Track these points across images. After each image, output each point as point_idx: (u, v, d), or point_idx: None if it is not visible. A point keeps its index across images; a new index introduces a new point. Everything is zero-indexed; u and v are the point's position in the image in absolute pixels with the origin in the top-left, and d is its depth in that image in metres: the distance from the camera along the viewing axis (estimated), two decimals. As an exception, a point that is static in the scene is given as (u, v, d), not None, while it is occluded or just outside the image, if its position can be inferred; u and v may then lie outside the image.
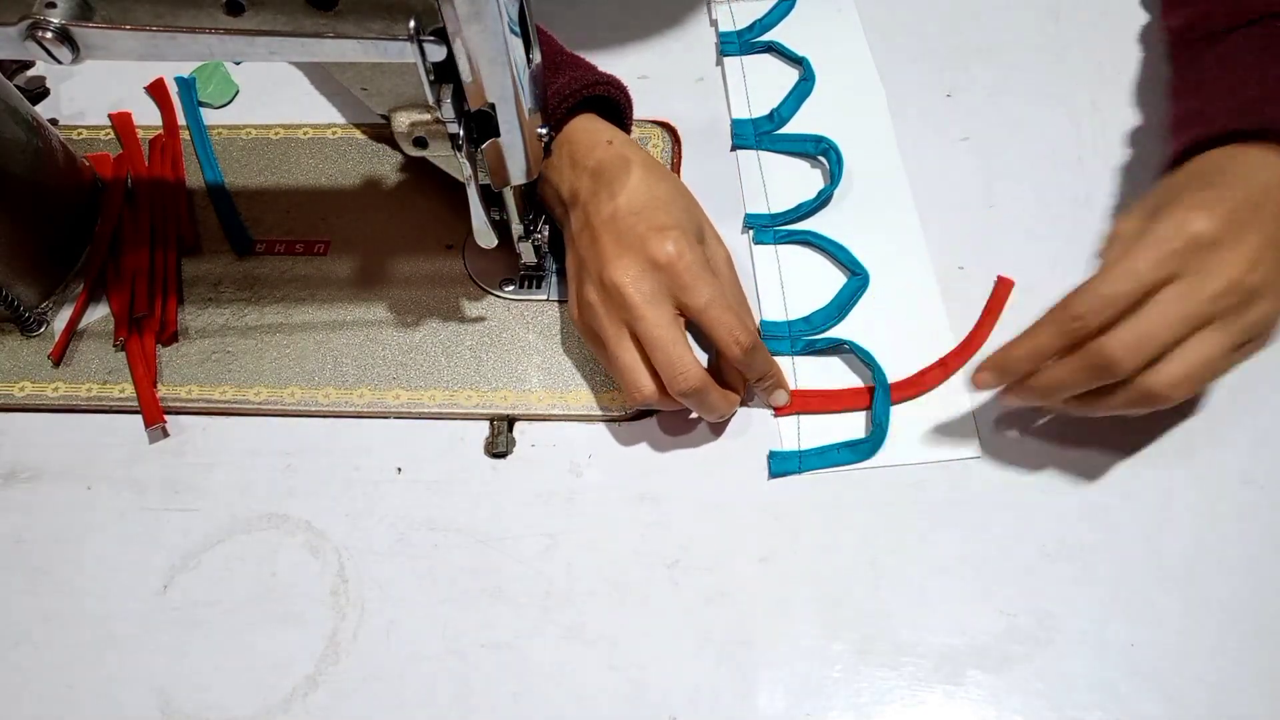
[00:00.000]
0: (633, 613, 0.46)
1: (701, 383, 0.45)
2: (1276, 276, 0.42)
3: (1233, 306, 0.41)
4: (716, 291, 0.45)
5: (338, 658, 0.45)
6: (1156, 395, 0.41)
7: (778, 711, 0.43)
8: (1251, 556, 0.45)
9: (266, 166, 0.61)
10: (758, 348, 0.46)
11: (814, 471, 0.49)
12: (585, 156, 0.49)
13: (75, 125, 0.63)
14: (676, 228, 0.46)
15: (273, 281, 0.56)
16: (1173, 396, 0.41)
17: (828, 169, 0.58)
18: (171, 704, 0.45)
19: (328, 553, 0.48)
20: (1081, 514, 0.47)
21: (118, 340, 0.54)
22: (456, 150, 0.43)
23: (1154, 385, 0.41)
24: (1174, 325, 0.41)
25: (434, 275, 0.56)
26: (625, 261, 0.45)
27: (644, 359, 0.46)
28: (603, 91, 0.51)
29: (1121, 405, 0.43)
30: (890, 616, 0.45)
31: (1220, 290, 0.41)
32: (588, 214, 0.48)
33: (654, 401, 0.46)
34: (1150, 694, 0.43)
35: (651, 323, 0.45)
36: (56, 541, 0.49)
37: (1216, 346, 0.41)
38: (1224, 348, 0.41)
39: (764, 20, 0.65)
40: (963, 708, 0.43)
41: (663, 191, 0.48)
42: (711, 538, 0.47)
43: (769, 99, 0.61)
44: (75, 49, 0.38)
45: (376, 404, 0.52)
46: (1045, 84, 0.60)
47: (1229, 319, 0.41)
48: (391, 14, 0.38)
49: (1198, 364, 0.41)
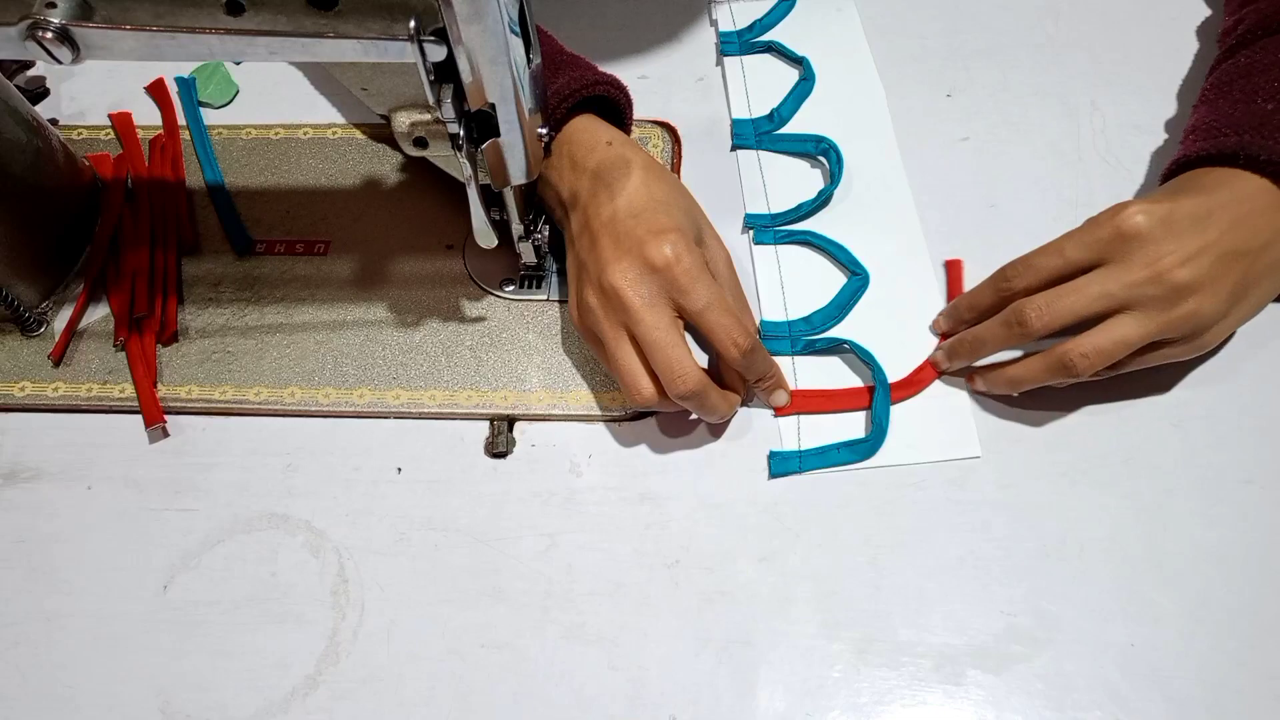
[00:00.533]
0: (633, 613, 0.46)
1: (700, 385, 0.45)
2: (1212, 280, 0.44)
3: (1155, 298, 0.43)
4: (714, 294, 0.45)
5: (338, 658, 0.45)
6: (1067, 363, 0.45)
7: (778, 711, 0.43)
8: (1251, 556, 0.45)
9: (266, 166, 0.61)
10: (756, 349, 0.46)
11: (814, 471, 0.49)
12: (585, 158, 0.49)
13: (75, 125, 0.63)
14: (675, 230, 0.46)
15: (273, 281, 0.56)
16: (1079, 366, 0.44)
17: (828, 169, 0.58)
18: (171, 704, 0.45)
19: (328, 553, 0.48)
20: (1081, 514, 0.47)
21: (118, 340, 0.54)
22: (456, 150, 0.43)
23: (1065, 353, 0.45)
24: (1087, 299, 0.44)
25: (434, 275, 0.56)
26: (624, 264, 0.45)
27: (644, 361, 0.46)
28: (602, 91, 0.51)
29: (1040, 372, 0.46)
30: (890, 616, 0.45)
31: (1141, 279, 0.43)
32: (587, 216, 0.48)
33: (654, 404, 0.46)
34: (1150, 694, 0.43)
35: (650, 325, 0.45)
36: (56, 541, 0.49)
37: (1132, 330, 0.44)
38: (1140, 333, 0.44)
39: (764, 20, 0.65)
40: (963, 708, 0.43)
41: (662, 193, 0.48)
42: (711, 538, 0.47)
43: (769, 99, 0.61)
44: (75, 49, 0.38)
45: (376, 404, 0.52)
46: (1045, 84, 0.60)
47: (1151, 309, 0.44)
48: (391, 14, 0.38)
49: (1108, 342, 0.44)
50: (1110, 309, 0.44)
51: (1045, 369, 0.46)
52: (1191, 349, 0.46)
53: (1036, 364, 0.46)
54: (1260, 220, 0.45)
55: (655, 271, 0.45)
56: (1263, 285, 0.46)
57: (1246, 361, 0.50)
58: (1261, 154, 0.45)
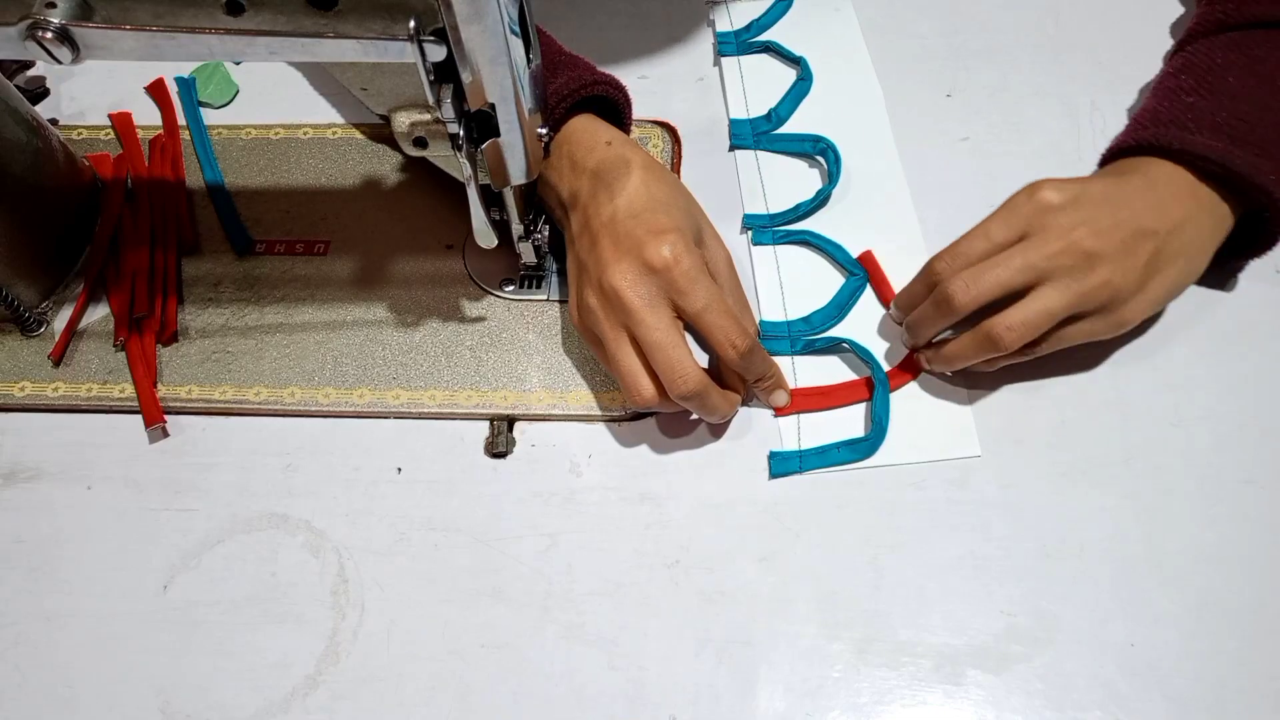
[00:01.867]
0: (633, 613, 0.46)
1: (701, 385, 0.45)
2: (1121, 253, 0.45)
3: (1070, 267, 0.45)
4: (713, 295, 0.46)
5: (338, 658, 0.45)
6: (994, 337, 0.46)
7: (778, 711, 0.43)
8: (1251, 556, 0.45)
9: (266, 166, 0.61)
10: (754, 350, 0.46)
11: (814, 471, 0.49)
12: (585, 158, 0.49)
13: (75, 125, 0.63)
14: (675, 230, 0.46)
15: (273, 281, 0.56)
16: (1005, 339, 0.46)
17: (826, 169, 0.58)
18: (171, 704, 0.45)
19: (328, 553, 0.48)
20: (1081, 514, 0.47)
21: (118, 340, 0.54)
22: (456, 150, 0.43)
23: (991, 327, 0.46)
24: (1010, 270, 0.46)
25: (434, 275, 0.56)
26: (624, 265, 0.45)
27: (644, 362, 0.46)
28: (601, 91, 0.51)
29: (970, 348, 0.47)
30: (890, 616, 0.45)
31: (1057, 250, 0.45)
32: (587, 216, 0.48)
33: (655, 404, 0.46)
34: (1150, 694, 0.43)
35: (650, 326, 0.45)
36: (56, 541, 0.49)
37: (1054, 300, 0.45)
38: (1061, 302, 0.45)
39: (761, 20, 0.64)
40: (963, 708, 0.43)
41: (662, 193, 0.48)
42: (711, 538, 0.47)
43: (767, 99, 0.61)
44: (75, 49, 0.38)
45: (376, 404, 0.52)
46: (1045, 84, 0.60)
47: (1068, 279, 0.45)
48: (391, 14, 0.38)
49: (1032, 313, 0.45)
50: (1031, 280, 0.46)
51: (975, 344, 0.47)
52: (1112, 324, 0.47)
53: (967, 340, 0.48)
54: (1171, 203, 0.47)
55: (654, 272, 0.45)
56: (1177, 265, 0.47)
57: (1246, 362, 0.50)
58: (1175, 143, 0.47)
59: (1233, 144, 0.47)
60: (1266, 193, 0.46)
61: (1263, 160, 0.46)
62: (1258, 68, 0.49)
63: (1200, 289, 0.52)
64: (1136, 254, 0.46)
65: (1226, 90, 0.49)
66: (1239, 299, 0.52)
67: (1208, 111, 0.48)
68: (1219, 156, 0.46)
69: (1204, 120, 0.48)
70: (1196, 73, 0.50)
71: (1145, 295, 0.47)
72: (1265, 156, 0.47)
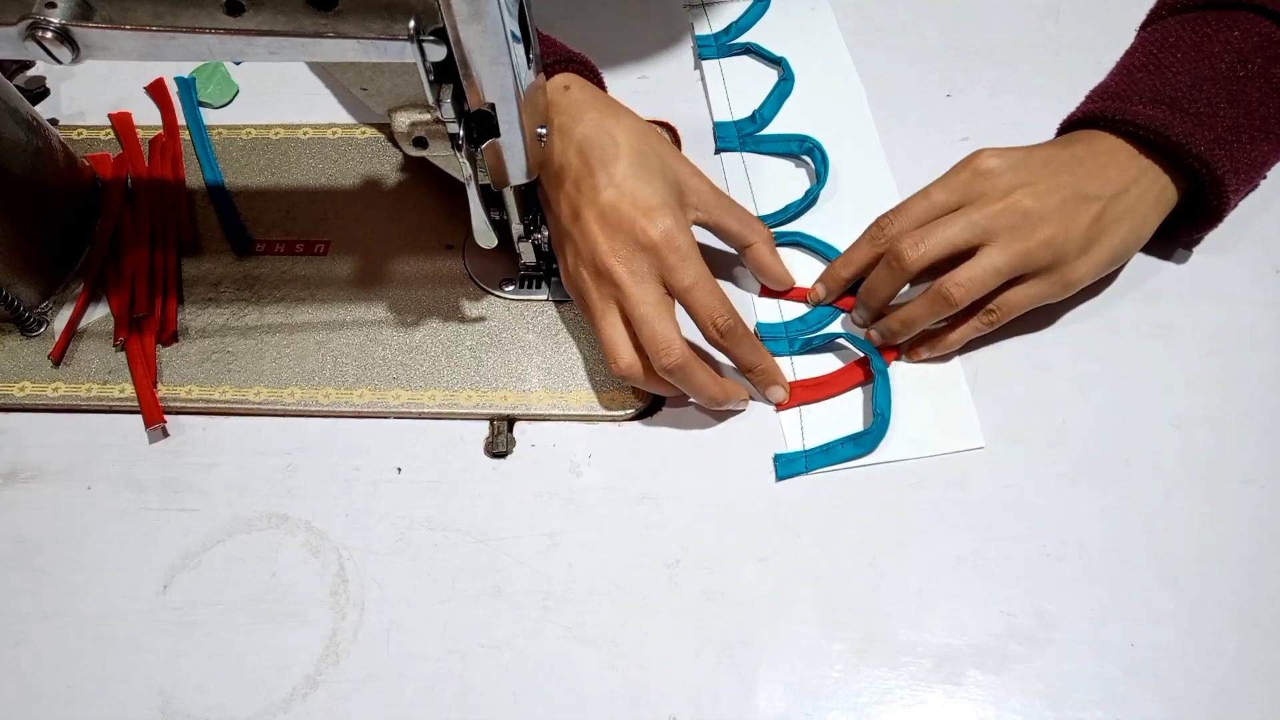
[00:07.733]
0: (633, 613, 0.46)
1: (684, 358, 0.46)
2: (1062, 214, 0.47)
3: (1012, 227, 0.47)
4: (701, 273, 0.47)
5: (338, 658, 0.45)
6: (945, 294, 0.48)
7: (778, 711, 0.43)
8: (1251, 556, 0.45)
9: (266, 166, 0.61)
10: (736, 329, 0.47)
11: (815, 471, 0.49)
12: (570, 126, 0.49)
13: (75, 125, 0.63)
14: (664, 206, 0.47)
15: (273, 281, 0.56)
16: (955, 296, 0.47)
17: (813, 169, 0.58)
18: (171, 704, 0.45)
19: (328, 553, 0.48)
20: (1081, 514, 0.47)
21: (118, 340, 0.54)
22: (456, 150, 0.43)
23: (941, 284, 0.48)
24: (956, 228, 0.48)
25: (434, 275, 0.56)
26: (616, 244, 0.47)
27: (632, 336, 0.47)
28: (575, 70, 0.52)
29: (924, 308, 0.49)
30: (890, 616, 0.45)
31: (997, 210, 0.47)
32: (579, 192, 0.48)
33: (638, 377, 0.47)
34: (1150, 694, 0.43)
35: (638, 299, 0.46)
36: (56, 541, 0.49)
37: (1000, 258, 0.47)
38: (1007, 260, 0.47)
39: (739, 22, 0.64)
40: (963, 708, 0.43)
41: (645, 166, 0.48)
42: (712, 538, 0.47)
43: (750, 101, 0.61)
44: (75, 49, 0.38)
45: (376, 404, 0.52)
46: (1045, 84, 0.61)
47: (1009, 237, 0.47)
48: (391, 14, 0.38)
49: (979, 270, 0.47)
50: (977, 239, 0.47)
51: (928, 304, 0.48)
52: (1058, 285, 0.48)
53: (921, 301, 0.49)
54: (1112, 170, 0.49)
55: (645, 250, 0.46)
56: (1120, 229, 0.49)
57: (1247, 362, 0.50)
58: (1116, 114, 0.49)
59: (1171, 114, 0.48)
60: (1202, 160, 0.47)
61: (1200, 130, 0.48)
62: (1204, 44, 0.50)
63: (1200, 288, 0.52)
64: (1078, 215, 0.47)
65: (1171, 65, 0.50)
66: (1239, 299, 0.52)
67: (1150, 85, 0.50)
68: (1158, 125, 0.48)
69: (1145, 93, 0.50)
70: (1147, 51, 0.52)
71: (1090, 257, 0.48)
72: (1202, 126, 0.48)
